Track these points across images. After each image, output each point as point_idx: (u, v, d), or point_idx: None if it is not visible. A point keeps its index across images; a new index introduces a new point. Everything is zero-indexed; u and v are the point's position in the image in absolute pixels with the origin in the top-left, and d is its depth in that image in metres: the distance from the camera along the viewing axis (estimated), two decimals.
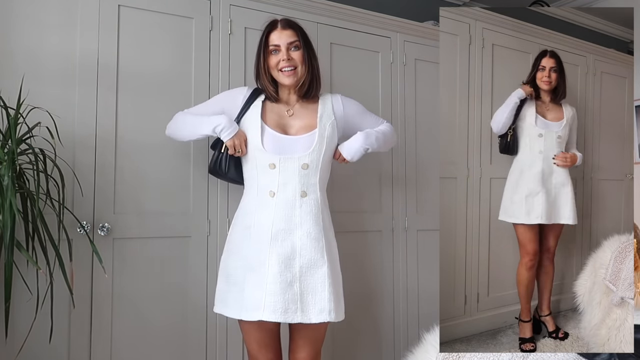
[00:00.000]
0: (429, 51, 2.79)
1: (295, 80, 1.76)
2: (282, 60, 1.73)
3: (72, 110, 1.95)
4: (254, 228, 1.73)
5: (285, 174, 1.71)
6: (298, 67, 1.75)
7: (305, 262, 1.68)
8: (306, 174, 1.72)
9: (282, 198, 1.70)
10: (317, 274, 1.68)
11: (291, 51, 1.75)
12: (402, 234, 2.68)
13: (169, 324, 2.09)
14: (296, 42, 1.75)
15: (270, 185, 1.72)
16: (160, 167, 2.11)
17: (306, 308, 1.65)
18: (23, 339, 1.72)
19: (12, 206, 1.52)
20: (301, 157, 1.72)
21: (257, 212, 1.74)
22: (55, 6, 1.95)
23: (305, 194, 1.71)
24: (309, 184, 1.72)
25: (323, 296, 1.66)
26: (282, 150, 1.72)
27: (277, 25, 1.78)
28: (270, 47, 1.76)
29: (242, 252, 1.75)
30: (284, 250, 1.67)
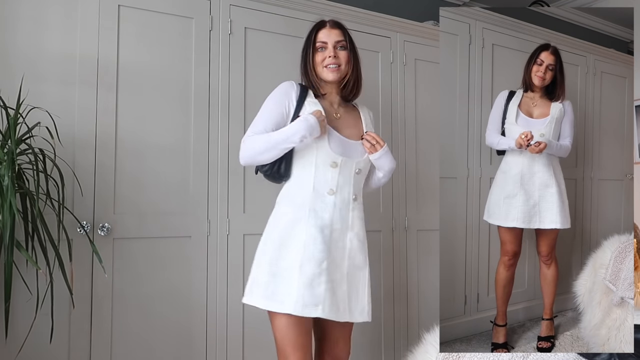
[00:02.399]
0: (429, 51, 2.79)
1: (338, 76, 1.76)
2: (329, 57, 1.75)
3: (72, 110, 1.95)
4: (310, 220, 1.68)
5: (344, 175, 1.74)
6: (342, 65, 1.76)
7: (354, 264, 1.73)
8: (359, 179, 1.78)
9: (340, 198, 1.73)
10: (359, 275, 1.74)
11: (338, 49, 1.76)
12: (402, 234, 2.68)
13: (169, 324, 2.09)
14: (343, 42, 1.77)
15: (330, 184, 1.73)
16: (160, 167, 2.11)
17: (352, 308, 1.71)
18: (23, 339, 1.72)
19: (12, 206, 1.52)
20: (358, 162, 1.76)
21: (306, 205, 1.69)
22: (55, 6, 1.95)
23: (356, 197, 1.76)
24: (359, 188, 1.78)
25: (364, 297, 1.73)
26: (344, 152, 1.75)
27: (325, 24, 1.80)
28: (317, 44, 1.77)
29: (298, 246, 1.68)
30: (337, 249, 1.70)
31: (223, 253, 2.20)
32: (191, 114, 2.18)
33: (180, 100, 2.16)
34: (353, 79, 1.81)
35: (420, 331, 1.77)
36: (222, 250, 2.20)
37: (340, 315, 1.68)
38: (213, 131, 2.21)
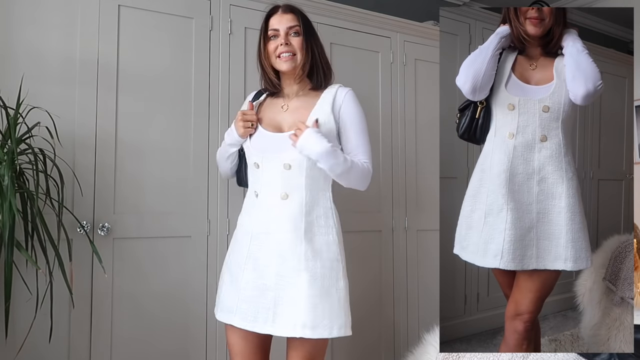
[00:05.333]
0: (429, 51, 2.79)
1: (292, 66, 1.62)
2: (280, 45, 1.61)
3: (72, 110, 1.95)
4: (238, 228, 1.69)
5: (269, 173, 1.60)
6: (297, 53, 1.62)
7: (282, 270, 1.53)
8: (292, 175, 1.57)
9: (263, 199, 1.60)
10: (292, 282, 1.52)
11: (290, 36, 1.63)
12: (402, 234, 2.68)
13: (169, 324, 2.09)
14: (296, 27, 1.63)
15: (255, 186, 1.64)
16: (160, 167, 2.11)
17: (278, 319, 1.51)
18: (23, 339, 1.72)
19: (12, 206, 1.52)
20: (283, 157, 1.58)
21: (243, 212, 1.70)
22: (55, 6, 1.95)
23: (286, 195, 1.57)
24: (296, 185, 1.57)
25: (298, 308, 1.49)
26: (265, 148, 1.61)
27: (277, 10, 1.67)
28: (269, 32, 1.65)
29: (229, 252, 1.73)
30: (261, 254, 1.57)
31: (223, 253, 2.19)
32: (191, 114, 2.18)
33: (180, 101, 2.16)
34: (309, 68, 1.64)
35: (420, 331, 1.77)
36: (222, 250, 2.20)
37: (259, 326, 1.52)
38: (213, 131, 2.21)
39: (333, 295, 1.53)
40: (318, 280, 1.52)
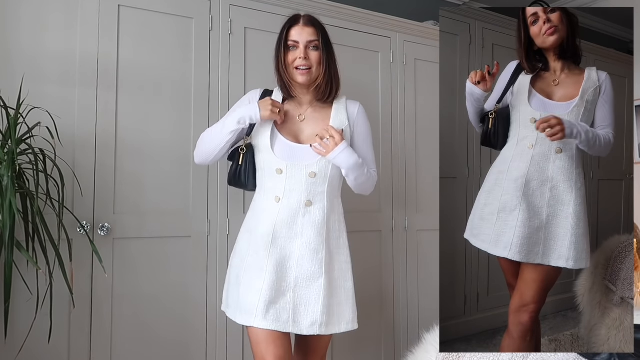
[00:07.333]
0: (429, 51, 2.79)
1: (308, 79, 1.69)
2: (299, 58, 1.67)
3: (72, 111, 1.95)
4: (253, 231, 1.71)
5: (292, 180, 1.66)
6: (313, 67, 1.69)
7: (302, 273, 1.63)
8: (315, 183, 1.67)
9: (286, 205, 1.66)
10: (311, 286, 1.63)
11: (309, 50, 1.69)
12: (402, 234, 2.68)
13: (169, 324, 2.09)
14: (316, 41, 1.69)
15: (276, 191, 1.67)
16: (160, 167, 2.11)
17: (299, 319, 1.61)
18: (23, 339, 1.72)
19: (12, 206, 1.52)
20: (309, 165, 1.67)
21: (258, 215, 1.71)
22: (55, 6, 1.95)
23: (310, 203, 1.66)
24: (317, 192, 1.67)
25: (316, 310, 1.61)
26: (290, 157, 1.67)
27: (299, 21, 1.71)
28: (289, 43, 1.70)
29: (243, 254, 1.73)
30: (283, 258, 1.63)
31: (223, 253, 2.20)
32: (191, 114, 2.18)
33: (180, 100, 2.16)
34: (325, 81, 1.71)
35: (420, 331, 1.76)
36: (222, 250, 2.20)
37: (282, 326, 1.59)
38: None
39: (342, 295, 1.68)
40: (333, 282, 1.66)
